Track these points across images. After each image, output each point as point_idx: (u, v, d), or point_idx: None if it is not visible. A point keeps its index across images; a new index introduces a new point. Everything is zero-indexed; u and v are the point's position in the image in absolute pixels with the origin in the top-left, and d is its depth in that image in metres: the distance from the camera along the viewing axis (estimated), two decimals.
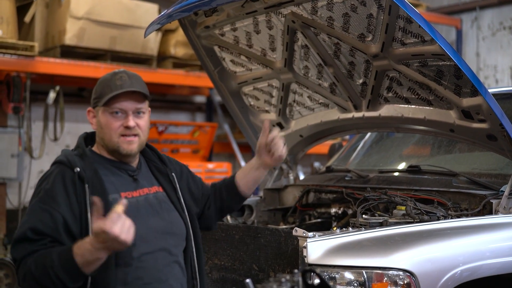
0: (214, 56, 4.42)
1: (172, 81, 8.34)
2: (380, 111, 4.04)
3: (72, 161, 2.56)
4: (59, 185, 2.51)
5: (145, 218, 2.62)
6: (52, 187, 2.51)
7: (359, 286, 2.75)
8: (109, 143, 2.65)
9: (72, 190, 2.50)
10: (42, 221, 2.44)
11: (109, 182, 2.60)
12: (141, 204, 2.65)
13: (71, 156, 2.59)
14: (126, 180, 2.67)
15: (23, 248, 2.42)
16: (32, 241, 2.42)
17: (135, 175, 2.70)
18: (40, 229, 2.43)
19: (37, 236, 2.42)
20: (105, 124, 2.63)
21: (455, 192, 3.60)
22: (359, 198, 3.77)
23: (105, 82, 2.65)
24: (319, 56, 3.95)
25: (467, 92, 3.44)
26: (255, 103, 4.65)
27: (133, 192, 2.65)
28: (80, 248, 2.34)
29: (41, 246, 2.42)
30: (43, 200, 2.49)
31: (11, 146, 7.60)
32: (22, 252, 2.42)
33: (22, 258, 2.41)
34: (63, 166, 2.56)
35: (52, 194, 2.49)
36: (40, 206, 2.48)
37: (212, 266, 3.56)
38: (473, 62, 10.63)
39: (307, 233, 2.89)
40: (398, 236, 3.00)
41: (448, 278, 2.84)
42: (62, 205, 2.47)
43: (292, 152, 4.83)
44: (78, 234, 2.48)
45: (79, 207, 2.49)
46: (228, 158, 9.87)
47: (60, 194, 2.49)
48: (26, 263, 2.40)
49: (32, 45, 7.01)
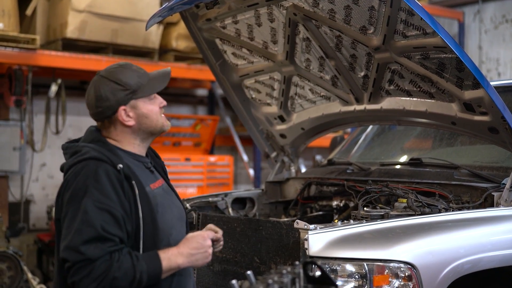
0: (215, 49, 4.42)
1: (174, 74, 8.20)
2: (381, 104, 4.04)
3: (111, 157, 2.52)
4: (107, 182, 2.46)
5: (169, 207, 2.69)
6: (101, 185, 2.45)
7: (360, 278, 2.75)
8: (156, 128, 2.69)
9: (119, 188, 2.48)
10: (106, 221, 2.41)
11: (139, 176, 2.60)
12: (163, 194, 2.70)
13: (105, 151, 2.54)
14: (147, 173, 2.70)
15: (97, 248, 2.37)
16: (105, 240, 2.39)
17: (151, 167, 2.75)
18: (108, 229, 2.40)
19: (109, 236, 2.39)
20: (151, 112, 2.66)
21: (456, 185, 3.60)
22: (361, 190, 3.77)
23: (130, 75, 2.63)
24: (321, 49, 3.94)
25: (468, 85, 3.44)
26: (257, 96, 4.65)
27: (155, 183, 2.70)
28: (166, 254, 2.48)
29: (114, 247, 2.40)
30: (98, 199, 2.42)
31: (13, 139, 7.61)
32: (98, 253, 2.37)
33: (98, 258, 2.36)
34: (101, 163, 2.49)
35: (104, 192, 2.44)
36: (96, 205, 2.41)
37: (213, 259, 3.57)
38: (475, 55, 10.61)
39: (309, 226, 2.90)
40: (399, 228, 3.00)
41: (449, 270, 2.85)
42: (117, 203, 2.45)
43: (293, 145, 4.83)
44: (132, 233, 2.49)
45: (129, 205, 2.49)
46: (230, 151, 9.87)
47: (111, 193, 2.45)
48: (107, 264, 2.36)
49: (33, 38, 7.00)
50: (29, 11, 7.34)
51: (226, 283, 3.41)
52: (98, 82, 2.63)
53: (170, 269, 2.49)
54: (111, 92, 2.59)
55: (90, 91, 2.65)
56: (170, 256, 2.48)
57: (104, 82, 2.61)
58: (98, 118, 2.66)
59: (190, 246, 2.53)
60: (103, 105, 2.60)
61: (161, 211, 2.60)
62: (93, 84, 2.65)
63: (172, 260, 2.48)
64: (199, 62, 8.30)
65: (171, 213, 2.68)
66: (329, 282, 2.11)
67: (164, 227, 2.59)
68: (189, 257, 2.52)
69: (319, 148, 9.19)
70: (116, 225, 2.42)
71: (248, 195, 4.58)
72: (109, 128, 2.65)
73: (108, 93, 2.59)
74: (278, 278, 2.03)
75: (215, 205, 4.31)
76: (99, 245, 2.38)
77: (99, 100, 2.61)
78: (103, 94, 2.59)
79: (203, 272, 3.62)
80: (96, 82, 2.63)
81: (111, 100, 2.59)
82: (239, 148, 9.25)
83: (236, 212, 4.43)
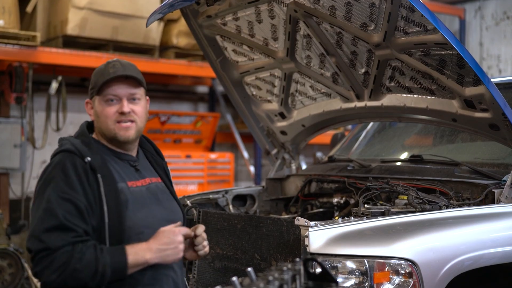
0: (216, 45, 4.41)
1: (174, 71, 8.33)
2: (382, 100, 4.03)
3: (81, 150, 2.52)
4: (73, 174, 2.46)
5: (150, 206, 2.63)
6: (67, 176, 2.46)
7: (361, 275, 2.76)
8: (106, 131, 2.64)
9: (85, 180, 2.47)
10: (69, 211, 2.40)
11: (116, 172, 2.59)
12: (145, 193, 2.65)
13: (78, 144, 2.55)
14: (129, 170, 2.67)
15: (58, 237, 2.36)
16: (67, 230, 2.37)
17: (136, 165, 2.71)
18: (71, 218, 2.39)
19: (71, 225, 2.38)
20: (101, 112, 2.63)
21: (457, 182, 3.60)
22: (361, 187, 3.77)
23: (99, 72, 2.65)
24: (321, 46, 3.94)
25: (469, 82, 3.44)
26: (257, 93, 4.64)
27: (137, 181, 2.66)
28: (134, 248, 2.43)
29: (77, 238, 2.38)
30: (62, 190, 2.43)
31: (14, 136, 7.61)
32: (58, 242, 2.35)
33: (59, 248, 2.35)
34: (72, 155, 2.51)
35: (69, 183, 2.44)
36: (60, 195, 2.42)
37: (214, 256, 3.57)
38: (476, 52, 10.60)
39: (309, 223, 2.90)
40: (400, 225, 3.00)
41: (450, 267, 2.85)
42: (81, 194, 2.44)
43: (294, 142, 4.83)
44: (97, 227, 2.46)
45: (94, 197, 2.47)
46: (231, 148, 9.87)
47: (76, 184, 2.45)
48: (68, 254, 2.34)
49: (34, 35, 7.01)
50: (29, 8, 7.34)
51: (227, 280, 3.41)
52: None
53: (137, 264, 2.44)
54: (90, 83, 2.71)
55: None
56: (138, 251, 2.43)
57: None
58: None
59: (160, 241, 2.47)
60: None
61: (132, 209, 2.55)
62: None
63: (140, 255, 2.43)
64: (199, 59, 8.30)
65: (149, 212, 2.61)
66: (329, 279, 2.11)
67: (133, 225, 2.53)
68: (158, 253, 2.46)
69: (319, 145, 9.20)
70: (79, 216, 2.41)
71: (249, 192, 4.58)
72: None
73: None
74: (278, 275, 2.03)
75: (216, 202, 4.31)
76: (60, 235, 2.37)
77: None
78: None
79: (203, 269, 3.63)
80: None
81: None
82: (239, 145, 9.25)
83: (237, 209, 4.44)
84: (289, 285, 2.00)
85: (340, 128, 8.11)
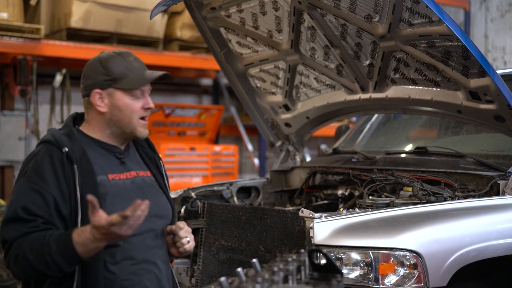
0: (220, 38, 4.41)
1: (179, 63, 8.34)
2: (387, 92, 4.02)
3: (59, 141, 2.48)
4: (48, 164, 2.43)
5: (127, 200, 2.51)
6: (41, 167, 2.43)
7: (365, 266, 2.76)
8: (127, 126, 2.60)
9: (60, 171, 2.43)
10: (33, 202, 2.38)
11: (97, 164, 2.54)
12: (128, 186, 2.61)
13: (58, 135, 2.51)
14: (113, 162, 2.62)
15: (14, 229, 2.36)
16: (24, 221, 2.36)
17: (122, 158, 2.66)
18: (32, 209, 2.37)
19: (29, 217, 2.36)
20: (126, 107, 2.58)
21: (462, 174, 3.60)
22: (366, 179, 3.76)
23: (119, 63, 2.59)
24: (326, 38, 3.93)
25: (474, 73, 3.42)
26: (262, 85, 4.64)
27: (120, 174, 2.61)
28: (80, 237, 2.32)
29: (33, 228, 2.36)
30: (32, 180, 2.42)
31: (18, 129, 7.63)
32: (13, 234, 2.35)
33: (14, 240, 2.35)
34: (50, 146, 2.48)
35: (41, 174, 2.42)
36: (29, 186, 2.41)
37: (219, 247, 3.58)
38: (481, 44, 10.57)
39: (314, 214, 2.90)
40: (404, 217, 3.00)
41: (455, 258, 2.84)
42: (52, 185, 2.41)
43: (298, 134, 4.83)
44: (68, 216, 2.43)
45: (68, 188, 2.43)
46: (235, 140, 9.88)
47: (49, 174, 2.42)
48: (19, 246, 2.34)
49: (38, 28, 7.01)
50: (33, 1, 7.33)
51: (232, 272, 3.42)
52: (90, 61, 2.64)
53: (89, 250, 2.32)
54: (94, 73, 2.60)
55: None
56: (85, 240, 2.31)
57: (94, 62, 2.62)
58: (82, 94, 2.66)
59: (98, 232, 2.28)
60: (84, 83, 2.62)
61: (110, 202, 2.49)
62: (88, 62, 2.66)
63: (87, 244, 2.31)
64: (203, 51, 8.29)
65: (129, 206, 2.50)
66: (334, 270, 2.11)
67: None
68: (103, 240, 2.31)
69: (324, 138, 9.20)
70: (43, 207, 2.38)
71: (253, 184, 4.58)
72: (88, 109, 2.64)
73: (91, 73, 2.61)
74: (283, 266, 2.03)
75: (220, 194, 4.31)
76: (17, 227, 2.36)
77: (83, 77, 2.63)
78: (86, 73, 2.62)
79: (208, 261, 3.63)
80: (90, 61, 2.64)
81: (91, 79, 2.60)
82: (244, 137, 9.26)
83: (241, 201, 4.44)
84: (294, 276, 2.00)
85: (345, 120, 8.11)
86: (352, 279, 2.76)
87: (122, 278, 2.51)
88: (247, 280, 1.96)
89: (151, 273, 2.60)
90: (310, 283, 2.06)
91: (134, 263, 2.55)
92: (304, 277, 2.11)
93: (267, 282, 1.87)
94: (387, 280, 2.74)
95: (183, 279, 3.83)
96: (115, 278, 2.50)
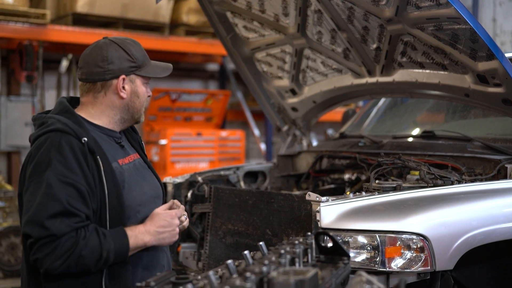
0: (226, 22, 4.39)
1: (185, 48, 8.32)
2: (394, 76, 4.00)
3: (76, 130, 2.41)
4: (71, 156, 2.36)
5: (140, 184, 2.59)
6: (65, 158, 2.35)
7: (372, 250, 2.75)
8: (137, 112, 2.63)
9: (84, 162, 2.38)
10: (71, 195, 2.32)
11: (106, 151, 2.51)
12: (132, 170, 2.61)
13: (71, 124, 2.43)
14: (115, 147, 2.60)
15: (62, 223, 2.28)
16: (71, 216, 2.31)
17: (121, 142, 2.65)
18: (74, 203, 2.32)
19: (75, 210, 2.31)
20: (143, 94, 2.61)
21: (469, 157, 3.58)
22: (373, 163, 3.75)
23: (139, 50, 2.61)
24: (333, 21, 3.91)
25: (482, 56, 3.40)
26: (268, 69, 4.63)
27: (124, 159, 2.60)
28: (133, 231, 2.42)
29: (80, 223, 2.32)
30: (62, 173, 2.32)
31: (25, 114, 7.65)
32: (64, 229, 2.28)
33: (64, 234, 2.28)
34: (66, 135, 2.40)
35: (68, 166, 2.34)
36: (60, 180, 2.32)
37: (225, 231, 3.58)
38: (489, 28, 10.51)
39: (321, 198, 2.89)
40: (411, 200, 2.99)
41: (462, 242, 2.84)
42: (81, 176, 2.36)
43: (305, 118, 4.82)
44: (97, 209, 2.41)
45: (93, 180, 2.40)
46: (241, 125, 9.87)
47: (76, 166, 2.36)
48: (73, 241, 2.29)
49: (43, 13, 7.00)
50: None
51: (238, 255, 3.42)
52: (106, 45, 2.55)
53: (137, 247, 2.43)
54: (118, 58, 2.53)
55: (94, 50, 2.55)
56: (137, 234, 2.42)
57: (114, 47, 2.55)
58: (91, 78, 2.54)
59: (158, 224, 2.47)
60: (106, 66, 2.52)
61: (128, 187, 2.50)
62: (99, 44, 2.56)
63: (139, 238, 2.42)
64: (210, 36, 8.27)
65: (140, 189, 2.58)
66: (341, 253, 2.11)
67: (130, 204, 2.49)
68: (156, 235, 2.46)
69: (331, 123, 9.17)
70: (81, 200, 2.33)
71: (260, 169, 4.58)
72: (95, 93, 2.55)
73: (114, 58, 2.53)
74: (290, 249, 2.03)
75: (227, 179, 4.32)
76: (65, 221, 2.29)
77: (103, 61, 2.52)
78: (110, 56, 2.52)
79: (215, 245, 3.64)
80: (104, 44, 2.55)
81: (115, 64, 2.53)
82: (250, 122, 9.25)
83: (248, 185, 4.44)
84: (301, 258, 2.00)
85: (351, 104, 8.09)
86: (359, 263, 2.76)
87: (144, 260, 2.55)
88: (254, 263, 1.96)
89: (164, 254, 2.65)
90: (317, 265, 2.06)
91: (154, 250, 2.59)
92: (311, 259, 2.11)
93: (274, 264, 1.88)
94: (394, 264, 2.74)
95: (190, 263, 3.84)
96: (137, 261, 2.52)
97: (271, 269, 1.81)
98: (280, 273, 1.70)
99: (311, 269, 1.72)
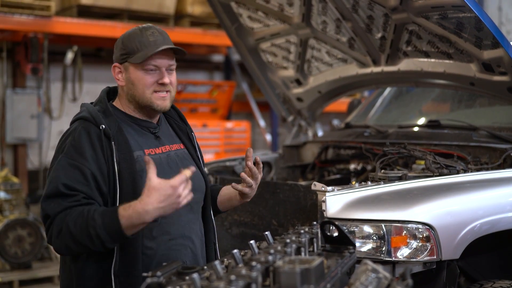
0: (231, 12, 4.38)
1: (190, 40, 8.30)
2: (399, 65, 3.99)
3: (96, 117, 2.50)
4: (86, 141, 2.46)
5: (168, 174, 2.56)
6: (79, 143, 2.45)
7: (378, 239, 2.75)
8: (141, 99, 2.61)
9: (99, 147, 2.45)
10: (73, 177, 2.39)
11: (133, 139, 2.57)
12: (164, 161, 2.63)
13: (94, 112, 2.53)
14: (148, 137, 2.64)
15: (56, 203, 2.37)
16: (66, 196, 2.37)
17: (156, 132, 2.68)
18: (72, 184, 2.38)
19: (70, 192, 2.37)
20: (138, 81, 2.59)
21: (475, 146, 3.58)
22: (378, 153, 3.75)
23: (135, 37, 2.61)
24: (337, 11, 3.89)
25: (488, 44, 3.39)
26: (273, 60, 4.62)
27: (156, 149, 2.63)
28: (127, 210, 2.28)
29: (75, 202, 2.37)
30: (71, 156, 2.43)
31: (31, 107, 7.66)
32: (56, 208, 2.36)
33: (57, 214, 2.36)
34: (87, 123, 2.50)
35: (79, 150, 2.44)
36: (68, 162, 2.42)
37: (231, 222, 3.59)
38: (495, 16, 10.45)
39: (326, 188, 2.89)
40: (417, 189, 2.99)
41: (468, 231, 2.84)
42: (91, 161, 2.42)
43: (310, 109, 4.81)
44: (107, 192, 2.44)
45: (107, 165, 2.45)
46: (247, 117, 9.86)
47: (87, 151, 2.44)
48: (62, 220, 2.34)
49: (48, 5, 6.99)
50: None
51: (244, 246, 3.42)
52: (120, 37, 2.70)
53: (134, 225, 2.28)
54: (116, 48, 2.65)
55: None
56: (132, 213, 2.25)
57: (120, 38, 2.68)
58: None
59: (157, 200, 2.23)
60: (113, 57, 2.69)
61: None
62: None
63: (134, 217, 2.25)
64: (214, 27, 8.26)
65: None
66: (347, 242, 2.11)
67: None
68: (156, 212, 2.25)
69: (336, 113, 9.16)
70: (83, 182, 2.40)
71: (266, 159, 4.58)
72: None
73: (115, 48, 2.66)
74: (296, 238, 2.04)
75: (233, 170, 4.32)
76: (58, 201, 2.37)
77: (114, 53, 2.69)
78: (114, 48, 2.67)
79: (221, 235, 3.64)
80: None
81: (114, 55, 2.66)
82: (256, 113, 9.24)
83: None
84: (307, 248, 2.01)
85: (357, 94, 8.07)
86: (365, 252, 2.76)
87: (160, 253, 2.53)
88: (260, 252, 1.96)
89: (187, 248, 2.62)
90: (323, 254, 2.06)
91: (171, 238, 2.57)
92: (317, 249, 2.11)
93: (280, 254, 1.88)
94: (400, 253, 2.74)
95: None
96: (152, 254, 2.51)
97: (277, 258, 1.81)
98: (286, 262, 1.70)
99: (316, 258, 1.72)
